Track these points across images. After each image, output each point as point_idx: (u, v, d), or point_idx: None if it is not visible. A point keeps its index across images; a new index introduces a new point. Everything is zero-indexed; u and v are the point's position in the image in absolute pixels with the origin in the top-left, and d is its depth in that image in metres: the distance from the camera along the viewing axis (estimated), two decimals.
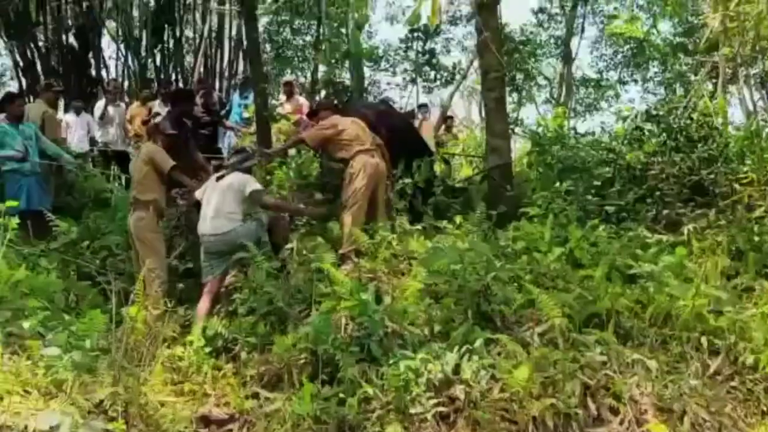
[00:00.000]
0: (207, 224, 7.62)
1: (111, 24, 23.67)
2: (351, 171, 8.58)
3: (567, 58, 27.66)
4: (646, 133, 10.44)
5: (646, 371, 5.51)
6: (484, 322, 6.12)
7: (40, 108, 11.00)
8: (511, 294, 6.38)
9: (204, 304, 7.46)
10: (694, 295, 6.02)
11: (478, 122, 23.32)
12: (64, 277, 7.97)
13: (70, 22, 21.71)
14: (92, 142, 14.50)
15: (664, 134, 10.01)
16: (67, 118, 14.34)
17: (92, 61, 21.89)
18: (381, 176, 8.75)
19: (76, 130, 14.18)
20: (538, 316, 6.02)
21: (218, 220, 7.57)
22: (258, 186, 7.85)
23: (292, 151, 11.96)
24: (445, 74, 23.05)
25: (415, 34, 22.24)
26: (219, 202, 7.63)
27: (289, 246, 7.84)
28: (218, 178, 7.85)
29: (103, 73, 22.66)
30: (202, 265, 7.80)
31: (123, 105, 15.36)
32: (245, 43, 17.58)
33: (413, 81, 22.77)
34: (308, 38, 26.96)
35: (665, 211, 8.64)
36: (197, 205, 7.99)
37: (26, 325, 5.54)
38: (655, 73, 28.41)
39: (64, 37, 21.72)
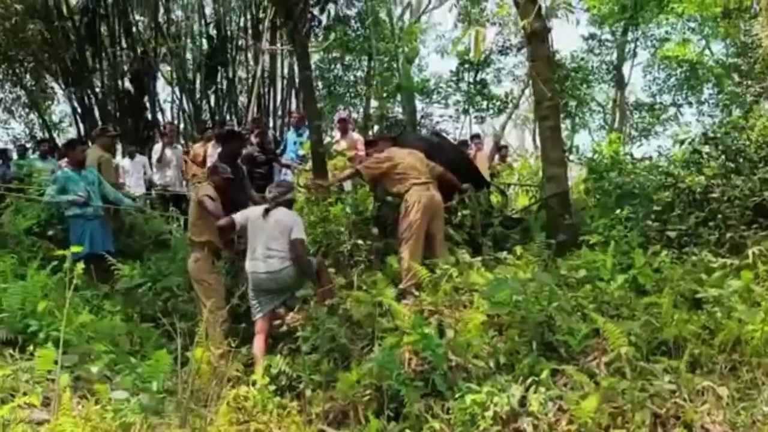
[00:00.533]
0: (257, 262, 7.63)
1: (165, 68, 24.07)
2: (406, 204, 8.60)
3: (620, 83, 27.50)
4: (705, 156, 10.29)
5: (717, 399, 5.39)
6: (549, 353, 6.06)
7: (95, 153, 11.15)
8: (575, 324, 6.29)
9: (258, 344, 7.50)
10: (764, 319, 5.89)
11: (532, 151, 23.25)
12: (127, 319, 8.09)
13: (125, 68, 22.09)
14: (150, 184, 14.71)
15: (723, 156, 9.86)
16: (122, 162, 14.61)
17: (148, 104, 22.31)
18: (437, 208, 8.74)
19: (132, 173, 14.42)
20: (604, 345, 5.93)
21: (269, 258, 7.57)
22: (303, 235, 7.77)
23: (347, 186, 12.03)
24: (498, 104, 23.06)
25: (466, 66, 22.28)
26: (268, 239, 7.62)
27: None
28: (265, 212, 7.80)
29: (159, 116, 23.07)
30: (250, 303, 7.84)
31: (179, 147, 15.55)
32: (298, 81, 17.73)
33: (465, 111, 22.82)
34: (359, 74, 27.18)
35: (728, 235, 8.46)
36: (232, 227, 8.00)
37: (94, 369, 5.61)
38: (710, 95, 28.14)
39: (120, 82, 22.18)
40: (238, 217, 7.94)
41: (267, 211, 7.77)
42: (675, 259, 7.83)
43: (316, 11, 12.12)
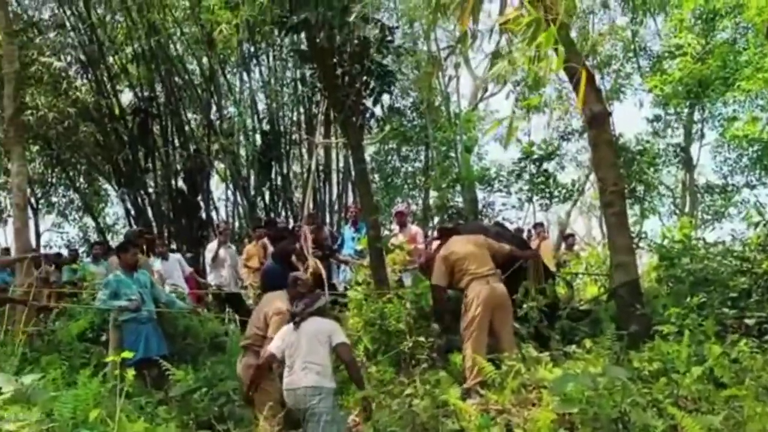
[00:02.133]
0: (294, 377, 7.30)
1: (219, 165, 24.48)
2: (466, 300, 8.59)
3: (688, 165, 27.27)
4: None
5: None
6: None
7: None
8: (651, 420, 6.16)
9: None
10: None
11: (599, 238, 23.07)
12: (183, 426, 8.08)
13: (178, 167, 22.49)
14: (197, 284, 14.76)
15: None
16: (155, 265, 14.15)
17: (202, 203, 22.64)
18: (499, 301, 8.69)
19: (171, 273, 14.18)
20: None
21: (308, 372, 7.23)
22: (345, 338, 7.53)
23: (407, 280, 12.03)
24: (563, 191, 23.02)
25: (529, 157, 22.38)
26: (307, 352, 7.31)
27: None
28: (295, 325, 7.55)
29: (213, 214, 23.42)
30: None
31: (233, 247, 15.62)
32: (353, 174, 17.87)
33: (529, 200, 22.79)
34: (417, 164, 27.34)
35: None
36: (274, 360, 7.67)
37: None
38: None
39: (173, 181, 22.59)
40: (274, 347, 7.65)
41: (297, 324, 7.54)
42: (755, 348, 7.67)
43: (369, 103, 12.24)
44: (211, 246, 15.22)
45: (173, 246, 19.88)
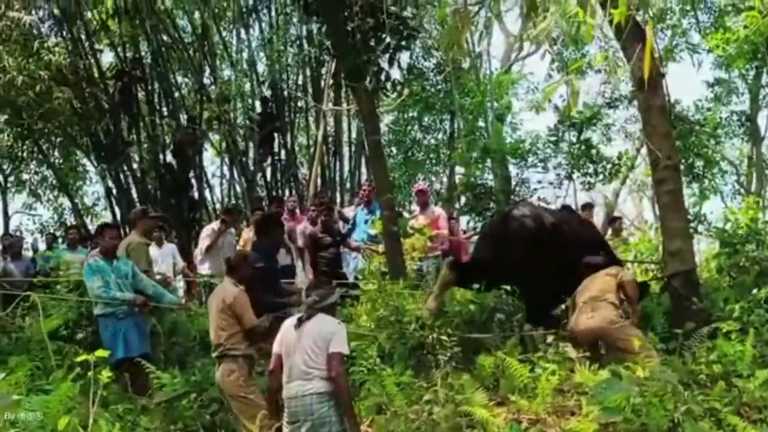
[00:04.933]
0: (299, 383, 7.03)
1: (213, 137, 24.47)
2: None
3: (755, 137, 27.11)
4: None
5: None
6: None
7: (128, 239, 11.30)
8: (707, 430, 6.13)
9: None
10: None
11: (652, 222, 22.95)
12: None
13: (167, 139, 22.53)
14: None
15: None
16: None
17: (193, 181, 22.65)
18: None
19: (160, 264, 14.20)
20: None
21: (311, 378, 6.99)
22: (344, 348, 7.15)
23: (427, 268, 12.00)
24: (609, 166, 22.87)
25: (566, 124, 22.14)
26: (307, 355, 7.06)
27: None
28: (299, 322, 7.29)
29: (207, 193, 23.47)
30: None
31: (234, 231, 15.47)
32: (367, 147, 17.80)
33: (569, 177, 22.63)
34: (441, 136, 27.29)
35: None
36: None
37: None
38: None
39: (161, 156, 22.58)
40: (276, 345, 7.43)
41: (300, 322, 7.28)
42: None
43: (385, 63, 12.14)
44: (207, 230, 15.02)
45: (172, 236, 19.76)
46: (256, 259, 8.98)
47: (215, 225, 14.84)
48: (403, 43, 12.18)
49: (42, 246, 19.00)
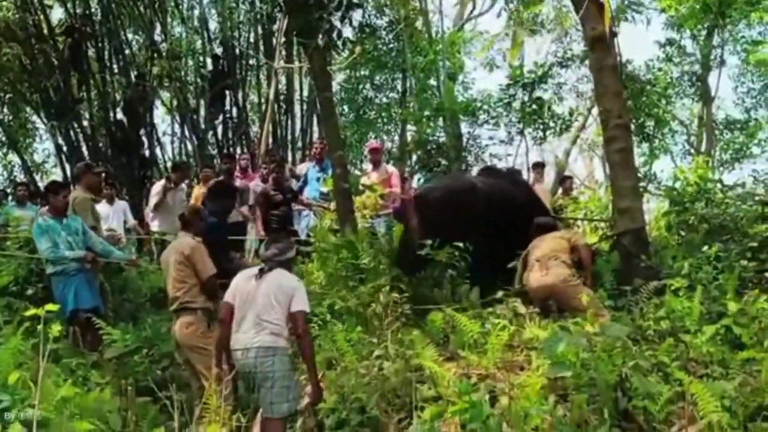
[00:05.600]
0: (243, 335, 7.09)
1: (164, 94, 24.27)
2: None
3: (705, 97, 27.20)
4: None
5: None
6: (625, 423, 5.95)
7: (73, 194, 11.14)
8: (655, 386, 6.17)
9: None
10: None
11: (602, 181, 23.05)
12: (119, 393, 8.02)
13: (117, 96, 22.29)
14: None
15: None
16: (99, 208, 13.97)
17: (144, 139, 22.49)
18: None
19: (112, 221, 14.22)
20: (692, 411, 5.81)
21: (261, 330, 7.03)
22: (306, 306, 7.18)
23: (380, 227, 12.00)
24: (560, 122, 22.89)
25: (518, 82, 22.13)
26: (262, 308, 7.08)
27: None
28: (259, 274, 7.31)
29: (157, 151, 23.26)
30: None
31: (185, 188, 15.36)
32: (318, 105, 17.74)
33: (520, 133, 22.64)
34: (393, 94, 27.21)
35: None
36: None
37: None
38: None
39: (111, 113, 22.44)
40: (228, 295, 7.41)
41: (261, 273, 7.32)
42: None
43: (337, 21, 12.05)
44: (156, 188, 14.93)
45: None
46: (208, 214, 8.97)
47: (164, 182, 14.72)
48: (356, 0, 12.08)
49: None
